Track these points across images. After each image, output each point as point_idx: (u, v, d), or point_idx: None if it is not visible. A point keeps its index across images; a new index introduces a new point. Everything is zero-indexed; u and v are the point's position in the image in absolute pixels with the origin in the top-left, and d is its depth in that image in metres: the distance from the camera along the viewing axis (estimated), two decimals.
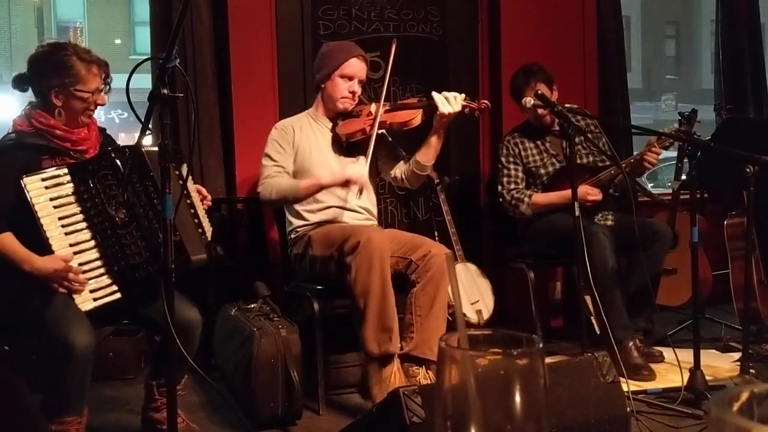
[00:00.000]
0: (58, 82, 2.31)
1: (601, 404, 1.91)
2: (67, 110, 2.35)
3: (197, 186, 2.55)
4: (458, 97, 2.83)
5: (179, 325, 2.15)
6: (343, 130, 3.05)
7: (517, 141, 3.59)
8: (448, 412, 0.61)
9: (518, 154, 3.57)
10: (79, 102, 2.34)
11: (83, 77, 2.32)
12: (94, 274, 2.26)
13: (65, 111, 2.34)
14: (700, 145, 2.92)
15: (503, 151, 3.60)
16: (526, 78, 3.46)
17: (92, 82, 2.35)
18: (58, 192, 2.25)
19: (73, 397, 2.16)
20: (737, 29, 4.81)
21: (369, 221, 3.11)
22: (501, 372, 0.60)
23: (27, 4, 17.32)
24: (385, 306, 2.63)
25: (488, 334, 0.65)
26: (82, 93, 2.33)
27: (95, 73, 2.35)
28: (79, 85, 2.32)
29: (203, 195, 2.54)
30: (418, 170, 2.98)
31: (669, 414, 2.60)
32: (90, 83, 2.34)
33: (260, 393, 2.63)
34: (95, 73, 2.35)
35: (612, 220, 3.52)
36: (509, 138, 3.62)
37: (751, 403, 0.50)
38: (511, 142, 3.60)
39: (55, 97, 2.32)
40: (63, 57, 2.32)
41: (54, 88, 2.31)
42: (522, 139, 3.59)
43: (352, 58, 3.03)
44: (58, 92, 2.32)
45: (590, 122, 3.64)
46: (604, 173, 3.40)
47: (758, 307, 3.59)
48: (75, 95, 2.32)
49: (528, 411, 0.59)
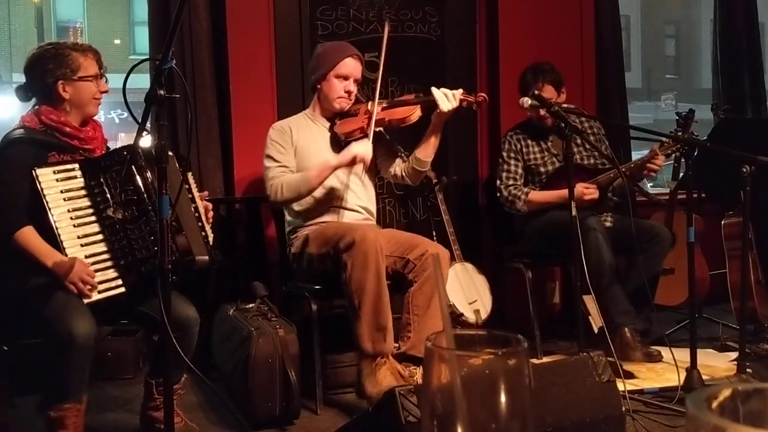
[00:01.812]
0: (61, 73, 2.38)
1: (597, 404, 1.92)
2: (76, 101, 2.41)
3: (206, 203, 2.58)
4: (456, 93, 2.85)
5: (177, 322, 2.16)
6: (341, 129, 3.06)
7: (520, 137, 3.60)
8: (435, 412, 0.62)
9: (520, 150, 3.58)
10: (86, 89, 2.41)
11: (82, 64, 2.41)
12: (101, 267, 2.28)
13: (74, 102, 2.41)
14: (697, 145, 2.93)
15: (505, 145, 3.61)
16: (535, 76, 3.47)
17: (91, 67, 2.43)
18: (68, 185, 2.29)
19: (72, 384, 2.17)
20: (736, 29, 4.82)
21: (368, 221, 3.12)
22: (487, 372, 0.60)
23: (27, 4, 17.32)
24: (380, 304, 2.64)
25: (480, 335, 0.66)
26: (86, 79, 2.41)
27: (91, 58, 2.45)
28: (81, 72, 2.40)
29: (206, 206, 2.58)
30: (418, 167, 3.00)
31: (666, 413, 2.60)
32: (89, 69, 2.43)
33: (258, 393, 2.64)
34: (92, 59, 2.45)
35: (611, 221, 3.53)
36: (512, 134, 3.63)
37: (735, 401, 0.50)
38: (513, 137, 3.61)
39: (63, 89, 2.38)
40: (59, 50, 2.42)
41: (59, 79, 2.38)
42: (525, 135, 3.60)
43: (347, 57, 3.04)
44: (65, 83, 2.38)
45: (594, 125, 3.65)
46: (603, 176, 3.41)
47: (755, 307, 3.60)
48: (80, 83, 2.40)
49: (513, 410, 0.59)
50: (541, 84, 3.42)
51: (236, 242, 3.58)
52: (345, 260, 2.68)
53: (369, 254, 2.63)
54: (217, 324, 3.16)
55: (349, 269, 2.66)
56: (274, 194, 2.96)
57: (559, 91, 3.48)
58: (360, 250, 2.64)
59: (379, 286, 2.64)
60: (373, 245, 2.64)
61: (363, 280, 2.63)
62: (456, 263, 3.53)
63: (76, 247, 2.25)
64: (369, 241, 2.64)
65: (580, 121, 3.63)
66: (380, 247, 2.67)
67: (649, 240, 3.31)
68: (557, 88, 3.47)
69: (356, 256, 2.65)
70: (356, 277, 2.65)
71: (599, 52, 4.27)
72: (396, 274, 2.85)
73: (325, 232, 2.89)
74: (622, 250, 3.32)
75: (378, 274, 2.64)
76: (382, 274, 2.65)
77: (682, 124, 3.44)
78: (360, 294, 2.64)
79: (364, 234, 2.67)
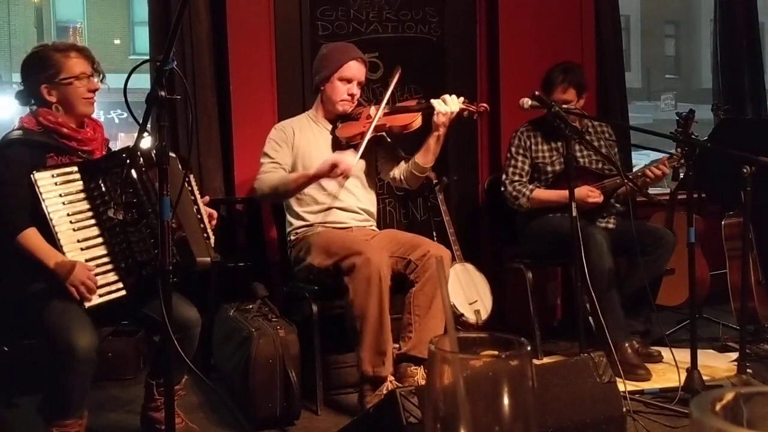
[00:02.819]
0: (44, 76, 2.35)
1: (597, 404, 1.92)
2: (63, 103, 2.37)
3: (210, 210, 2.57)
4: (456, 100, 2.84)
5: (178, 324, 2.16)
6: (342, 132, 3.06)
7: (530, 134, 3.59)
8: (438, 414, 0.62)
9: (529, 147, 3.57)
10: (69, 91, 2.36)
11: (63, 64, 2.36)
12: (101, 270, 2.26)
13: (62, 105, 2.37)
14: (698, 145, 2.93)
15: (515, 141, 3.61)
16: (564, 75, 3.42)
17: (74, 66, 2.37)
18: (68, 188, 2.27)
19: (74, 398, 2.16)
20: (736, 29, 4.82)
21: (368, 222, 3.12)
22: (490, 374, 0.60)
23: (27, 4, 17.33)
24: (381, 330, 2.64)
25: (482, 337, 0.66)
26: (68, 80, 2.35)
27: (74, 57, 2.38)
28: (62, 74, 2.35)
29: (211, 213, 2.56)
30: (417, 172, 2.99)
31: (666, 414, 2.61)
32: (72, 68, 2.36)
33: (258, 393, 2.64)
34: (74, 57, 2.38)
35: (614, 223, 3.53)
36: (523, 129, 3.62)
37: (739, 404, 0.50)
38: (524, 134, 3.60)
39: (48, 93, 2.35)
40: (42, 54, 2.39)
41: (42, 83, 2.35)
42: (536, 132, 3.59)
43: (351, 60, 3.04)
44: (49, 87, 2.35)
45: (606, 129, 3.64)
46: (610, 181, 3.40)
47: (755, 307, 3.60)
48: (62, 85, 2.36)
49: (516, 413, 0.59)
50: (567, 84, 3.40)
51: (237, 243, 3.58)
52: (347, 284, 2.67)
53: (372, 280, 2.61)
54: (217, 324, 3.16)
55: (351, 295, 2.66)
56: (257, 188, 2.98)
57: (580, 96, 3.45)
58: (363, 275, 2.62)
59: (381, 313, 2.63)
60: (376, 269, 2.62)
61: (365, 307, 2.62)
62: (456, 263, 3.53)
63: (76, 251, 2.24)
64: (372, 265, 2.62)
65: (592, 124, 3.62)
66: (383, 272, 2.64)
67: (653, 243, 3.30)
68: (579, 93, 3.44)
69: (358, 282, 2.63)
70: (358, 303, 2.64)
71: (599, 52, 4.27)
72: (397, 275, 2.84)
73: (328, 246, 2.84)
74: (625, 252, 3.32)
75: (380, 301, 2.62)
76: (384, 301, 2.63)
77: (683, 124, 3.44)
78: (362, 320, 2.64)
79: (367, 258, 2.64)
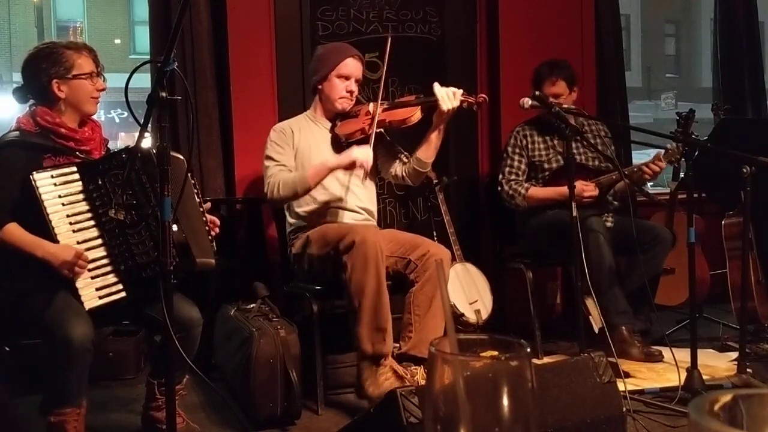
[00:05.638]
0: (55, 71, 2.36)
1: (598, 404, 1.93)
2: (72, 99, 2.39)
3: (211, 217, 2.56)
4: (457, 93, 2.85)
5: (180, 324, 2.17)
6: (342, 130, 3.07)
7: (527, 133, 3.61)
8: (437, 415, 0.62)
9: (525, 146, 3.59)
10: (81, 87, 2.38)
11: (76, 62, 2.38)
12: (101, 272, 2.26)
13: (70, 101, 2.38)
14: (698, 145, 2.93)
15: (511, 140, 3.63)
16: (550, 70, 3.49)
17: (86, 65, 2.41)
18: (67, 189, 2.27)
19: (71, 388, 2.17)
20: (736, 28, 4.82)
21: (368, 221, 3.12)
22: (490, 375, 0.61)
23: (27, 4, 17.34)
24: (380, 306, 2.65)
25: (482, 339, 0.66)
26: (81, 77, 2.38)
27: (86, 56, 2.42)
28: (75, 70, 2.38)
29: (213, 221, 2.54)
30: (419, 167, 3.00)
31: (666, 413, 2.61)
32: (84, 67, 2.40)
33: (259, 393, 2.64)
34: (86, 56, 2.42)
35: (612, 221, 3.53)
36: (519, 129, 3.65)
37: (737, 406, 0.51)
38: (520, 133, 3.63)
39: (58, 88, 2.36)
40: (54, 49, 2.40)
41: (53, 78, 2.36)
42: (532, 131, 3.62)
43: (348, 57, 3.05)
44: (59, 82, 2.36)
45: (602, 128, 3.66)
46: (605, 176, 3.42)
47: (755, 307, 3.60)
48: (75, 81, 2.37)
49: (516, 414, 0.60)
50: (555, 78, 3.45)
51: (237, 243, 3.58)
52: (345, 261, 2.68)
53: (369, 256, 2.63)
54: (218, 324, 3.17)
55: (349, 270, 2.67)
56: (270, 192, 2.95)
57: (571, 89, 3.50)
58: (360, 251, 2.64)
59: (379, 287, 2.64)
60: (373, 246, 2.64)
61: (363, 282, 2.64)
62: (456, 263, 3.53)
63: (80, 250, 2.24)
64: (369, 242, 2.65)
65: (588, 123, 3.64)
66: (380, 249, 2.67)
67: (650, 240, 3.32)
68: (570, 86, 3.49)
69: (356, 258, 2.65)
70: (356, 278, 2.65)
71: (599, 51, 4.27)
72: (397, 275, 2.85)
73: (325, 234, 2.89)
74: (623, 251, 3.33)
75: (378, 275, 2.64)
76: (382, 276, 2.66)
77: (683, 124, 3.45)
78: (360, 295, 2.65)
79: (364, 235, 2.67)
